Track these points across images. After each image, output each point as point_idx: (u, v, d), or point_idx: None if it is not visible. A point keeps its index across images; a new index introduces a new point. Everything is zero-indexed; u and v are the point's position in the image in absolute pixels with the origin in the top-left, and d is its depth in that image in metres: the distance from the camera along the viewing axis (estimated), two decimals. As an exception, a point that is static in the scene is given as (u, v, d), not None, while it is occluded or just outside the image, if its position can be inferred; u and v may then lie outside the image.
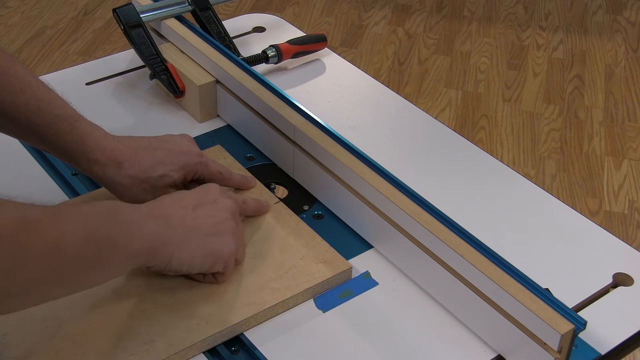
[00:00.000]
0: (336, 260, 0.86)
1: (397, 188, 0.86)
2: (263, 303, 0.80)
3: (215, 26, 1.19)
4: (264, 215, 0.91)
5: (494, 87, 2.47)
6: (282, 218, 0.91)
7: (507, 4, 2.95)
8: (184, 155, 0.90)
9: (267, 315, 0.81)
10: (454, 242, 0.79)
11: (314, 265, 0.85)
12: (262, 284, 0.82)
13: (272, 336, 0.79)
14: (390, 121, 1.12)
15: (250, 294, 0.81)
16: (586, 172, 2.15)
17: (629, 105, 2.41)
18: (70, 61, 2.51)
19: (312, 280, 0.83)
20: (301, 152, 0.96)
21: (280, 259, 0.86)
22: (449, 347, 0.79)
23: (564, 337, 0.71)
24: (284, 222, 0.90)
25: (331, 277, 0.84)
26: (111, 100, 1.14)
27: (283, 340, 0.79)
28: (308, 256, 0.86)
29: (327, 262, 0.85)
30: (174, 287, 0.82)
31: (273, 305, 0.81)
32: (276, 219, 0.91)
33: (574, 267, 0.88)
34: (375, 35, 2.72)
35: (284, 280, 0.83)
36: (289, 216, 0.91)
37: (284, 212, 0.92)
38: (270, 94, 1.01)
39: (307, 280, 0.83)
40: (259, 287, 0.82)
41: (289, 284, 0.82)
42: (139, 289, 0.82)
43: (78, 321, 0.78)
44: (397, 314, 0.82)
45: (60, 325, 0.77)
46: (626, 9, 2.93)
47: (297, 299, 0.82)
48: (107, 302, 0.80)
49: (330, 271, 0.84)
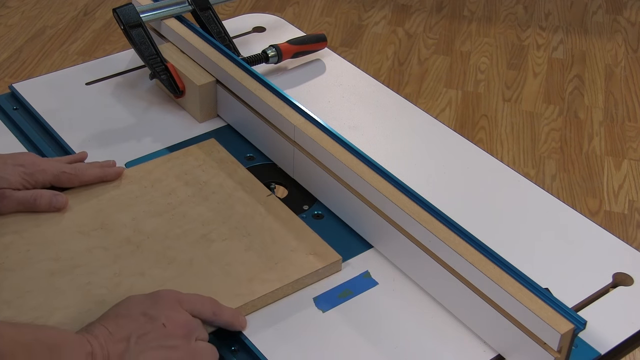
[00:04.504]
0: (326, 252, 0.87)
1: (397, 188, 0.86)
2: (252, 293, 0.81)
3: (215, 26, 1.19)
4: (256, 208, 0.92)
5: (494, 87, 2.47)
6: (274, 211, 0.92)
7: (507, 4, 2.95)
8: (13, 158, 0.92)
9: (256, 305, 0.81)
10: (453, 241, 0.79)
11: (304, 257, 0.86)
12: (252, 275, 0.84)
13: (272, 336, 0.79)
14: (390, 121, 1.12)
15: (240, 285, 0.82)
16: (586, 172, 2.15)
17: (629, 105, 2.41)
18: (70, 61, 2.51)
19: (302, 271, 0.84)
20: (301, 152, 0.96)
21: (271, 251, 0.87)
22: (449, 347, 0.79)
23: (563, 337, 0.71)
24: (276, 215, 0.91)
25: (321, 269, 0.85)
26: (111, 100, 1.14)
27: (283, 341, 0.79)
28: (299, 248, 0.87)
29: (317, 254, 0.86)
30: (165, 277, 0.83)
31: (262, 296, 0.82)
32: (268, 212, 0.92)
33: (574, 267, 0.88)
34: (375, 35, 2.72)
35: (274, 271, 0.84)
36: (280, 209, 0.92)
37: (276, 205, 0.93)
38: (270, 94, 1.01)
39: (297, 272, 0.84)
40: (248, 278, 0.83)
41: (278, 275, 0.84)
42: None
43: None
44: (396, 313, 0.82)
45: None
46: (626, 9, 2.93)
47: (286, 289, 0.83)
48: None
49: (320, 263, 0.85)
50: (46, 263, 0.84)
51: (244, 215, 0.91)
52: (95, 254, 0.86)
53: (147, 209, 0.92)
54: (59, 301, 0.80)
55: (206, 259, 0.86)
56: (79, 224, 0.90)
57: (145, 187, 0.95)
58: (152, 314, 0.74)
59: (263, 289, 0.82)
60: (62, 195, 0.92)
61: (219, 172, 0.98)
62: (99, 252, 0.86)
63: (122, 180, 0.96)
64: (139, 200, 0.93)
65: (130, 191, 0.95)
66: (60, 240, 0.87)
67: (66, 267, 0.84)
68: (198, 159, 1.00)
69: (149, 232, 0.89)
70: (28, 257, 0.85)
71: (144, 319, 0.74)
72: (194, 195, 0.94)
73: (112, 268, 0.84)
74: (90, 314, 0.77)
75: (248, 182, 0.96)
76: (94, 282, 0.82)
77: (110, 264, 0.85)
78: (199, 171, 0.98)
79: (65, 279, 0.83)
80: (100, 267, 0.84)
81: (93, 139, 1.05)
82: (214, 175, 0.97)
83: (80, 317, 0.78)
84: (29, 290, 0.81)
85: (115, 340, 0.72)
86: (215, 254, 0.86)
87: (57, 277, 0.83)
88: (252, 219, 0.91)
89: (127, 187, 0.95)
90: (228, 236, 0.89)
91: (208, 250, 0.87)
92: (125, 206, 0.92)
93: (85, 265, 0.84)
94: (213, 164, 0.99)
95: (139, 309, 0.75)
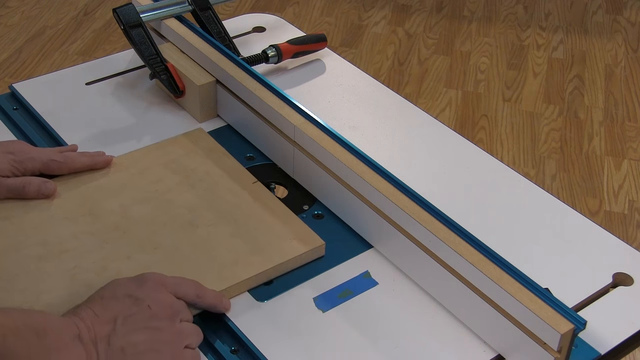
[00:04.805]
0: (310, 238, 0.88)
1: (397, 188, 0.86)
2: (236, 277, 0.83)
3: (215, 26, 1.19)
4: (242, 195, 0.94)
5: (494, 87, 2.47)
6: (260, 198, 0.94)
7: (507, 4, 2.95)
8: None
9: (241, 288, 0.84)
10: (453, 241, 0.80)
11: (288, 242, 0.88)
12: (237, 259, 0.85)
13: (272, 336, 0.79)
14: (390, 121, 1.12)
15: (225, 269, 0.84)
16: (586, 172, 2.15)
17: (629, 105, 2.41)
18: (70, 61, 2.51)
19: (285, 255, 0.86)
20: (301, 152, 0.96)
21: (256, 236, 0.88)
22: (449, 347, 0.79)
23: (563, 337, 0.71)
24: (261, 202, 0.93)
25: (304, 253, 0.87)
26: (111, 100, 1.14)
27: (283, 341, 0.79)
28: (283, 233, 0.89)
29: (300, 239, 0.88)
30: (151, 262, 0.85)
31: (246, 279, 0.83)
32: (254, 199, 0.94)
33: (574, 267, 0.88)
34: (375, 35, 2.72)
35: (258, 255, 0.86)
36: (265, 196, 0.94)
37: (262, 192, 0.95)
38: (270, 94, 1.01)
39: (280, 256, 0.86)
40: (233, 262, 0.85)
41: (262, 259, 0.85)
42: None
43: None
44: (396, 313, 0.82)
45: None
46: (626, 9, 2.93)
47: (270, 273, 0.85)
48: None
49: (304, 247, 0.87)
50: (34, 248, 0.86)
51: (230, 202, 0.93)
52: (83, 240, 0.87)
53: (135, 196, 0.94)
54: (45, 284, 0.82)
55: (191, 244, 0.87)
56: (67, 210, 0.91)
57: (133, 175, 0.97)
58: (137, 296, 0.76)
59: (247, 272, 0.84)
60: (51, 182, 0.93)
61: (205, 161, 0.99)
62: (86, 237, 0.88)
63: (110, 169, 0.98)
64: (126, 188, 0.95)
65: (118, 179, 0.96)
66: (48, 226, 0.89)
67: (53, 252, 0.86)
68: (185, 148, 1.02)
69: (136, 219, 0.90)
70: (16, 242, 0.87)
71: (130, 301, 0.75)
72: (181, 182, 0.96)
73: (99, 253, 0.86)
74: (77, 297, 0.79)
75: (234, 171, 0.98)
76: (81, 266, 0.84)
77: (97, 249, 0.86)
78: (186, 159, 0.99)
79: (52, 263, 0.84)
80: (87, 252, 0.86)
81: (93, 139, 1.05)
82: (200, 163, 0.99)
83: (68, 299, 0.80)
84: (16, 274, 0.83)
85: (101, 322, 0.73)
86: (200, 239, 0.88)
87: (44, 261, 0.84)
88: (237, 205, 0.93)
89: (115, 175, 0.97)
90: (214, 222, 0.90)
91: (194, 235, 0.88)
92: (113, 193, 0.94)
93: (73, 250, 0.86)
94: (200, 152, 1.01)
95: (124, 291, 0.76)
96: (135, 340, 0.73)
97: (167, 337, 0.74)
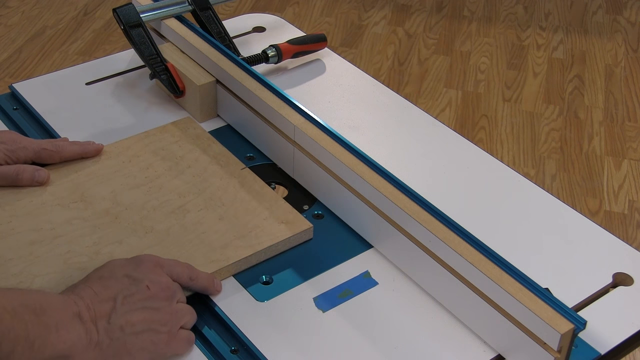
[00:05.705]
0: (297, 221, 0.90)
1: (397, 188, 0.86)
2: (226, 259, 0.85)
3: (215, 26, 1.19)
4: (230, 181, 0.96)
5: (494, 87, 2.47)
6: (248, 183, 0.96)
7: (507, 4, 2.95)
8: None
9: (230, 271, 0.85)
10: (453, 241, 0.80)
11: (276, 225, 0.89)
12: (226, 243, 0.87)
13: (272, 336, 0.79)
14: (390, 121, 1.12)
15: (215, 252, 0.86)
16: (586, 172, 2.15)
17: (629, 105, 2.41)
18: (70, 61, 2.51)
19: (273, 239, 0.88)
20: (301, 152, 0.96)
21: (244, 220, 0.90)
22: (449, 347, 0.79)
23: (563, 337, 0.71)
24: (249, 187, 0.95)
25: (292, 236, 0.89)
26: (111, 100, 1.14)
27: (283, 340, 0.79)
28: (270, 217, 0.90)
29: (288, 223, 0.90)
30: (143, 245, 0.86)
31: (236, 262, 0.85)
32: (241, 184, 0.95)
33: (574, 267, 0.88)
34: (375, 35, 2.72)
35: (247, 239, 0.88)
36: (254, 181, 0.96)
37: (250, 177, 0.96)
38: (270, 94, 1.01)
39: (269, 239, 0.88)
40: (222, 246, 0.87)
41: (251, 242, 0.87)
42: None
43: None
44: (397, 313, 0.82)
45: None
46: (626, 9, 2.93)
47: (259, 256, 0.87)
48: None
49: (291, 231, 0.89)
50: (27, 234, 0.87)
51: (219, 188, 0.95)
52: (75, 225, 0.89)
53: (126, 182, 0.95)
54: (39, 268, 0.83)
55: (182, 228, 0.89)
56: (60, 197, 0.93)
57: (123, 162, 0.98)
58: (135, 276, 0.77)
59: (236, 255, 0.86)
60: (44, 170, 0.94)
61: (194, 148, 1.01)
62: (79, 223, 0.89)
63: (101, 157, 0.99)
64: (117, 175, 0.96)
65: (109, 166, 0.98)
66: (41, 212, 0.90)
67: (46, 237, 0.87)
68: (174, 136, 1.03)
69: (127, 204, 0.92)
70: (10, 228, 0.88)
71: (128, 281, 0.76)
72: (170, 169, 0.97)
73: (92, 237, 0.87)
74: (71, 280, 0.80)
75: (223, 157, 0.99)
76: (74, 251, 0.85)
77: (89, 234, 0.88)
78: (175, 147, 1.01)
79: (45, 248, 0.85)
80: (80, 237, 0.87)
81: (93, 139, 1.05)
82: (189, 150, 1.01)
83: (61, 282, 0.81)
84: (10, 259, 0.84)
85: (101, 300, 0.74)
86: (190, 224, 0.90)
87: (37, 246, 0.86)
88: (226, 190, 0.94)
89: (106, 162, 0.98)
90: (203, 207, 0.92)
91: (184, 220, 0.90)
92: (104, 180, 0.95)
93: (65, 235, 0.87)
94: (189, 139, 1.03)
95: (122, 272, 0.77)
96: (134, 319, 0.74)
97: (164, 318, 0.75)
